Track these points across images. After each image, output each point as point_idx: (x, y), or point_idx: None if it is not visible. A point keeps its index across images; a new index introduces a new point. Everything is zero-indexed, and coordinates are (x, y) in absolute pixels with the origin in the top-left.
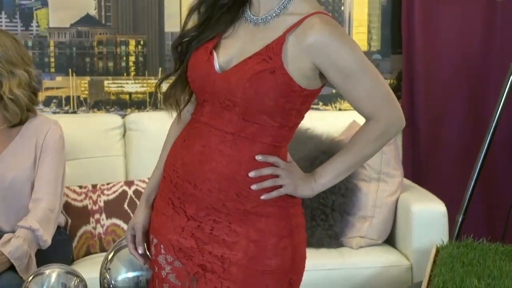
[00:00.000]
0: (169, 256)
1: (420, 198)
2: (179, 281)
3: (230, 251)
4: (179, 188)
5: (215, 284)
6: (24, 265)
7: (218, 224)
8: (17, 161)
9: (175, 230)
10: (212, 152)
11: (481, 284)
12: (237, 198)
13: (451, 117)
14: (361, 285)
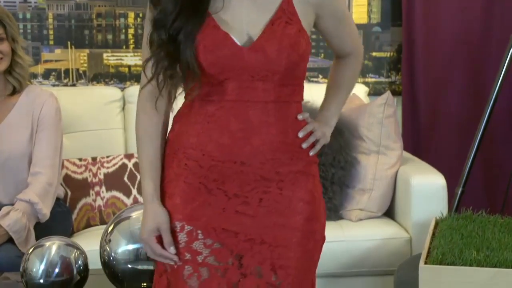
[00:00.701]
0: (208, 240)
1: (420, 170)
2: (219, 262)
3: (283, 217)
4: (215, 170)
5: (263, 255)
6: (23, 238)
7: (268, 194)
8: (14, 135)
9: (214, 212)
10: (257, 126)
11: (480, 256)
12: (291, 161)
13: (451, 90)
14: (360, 257)
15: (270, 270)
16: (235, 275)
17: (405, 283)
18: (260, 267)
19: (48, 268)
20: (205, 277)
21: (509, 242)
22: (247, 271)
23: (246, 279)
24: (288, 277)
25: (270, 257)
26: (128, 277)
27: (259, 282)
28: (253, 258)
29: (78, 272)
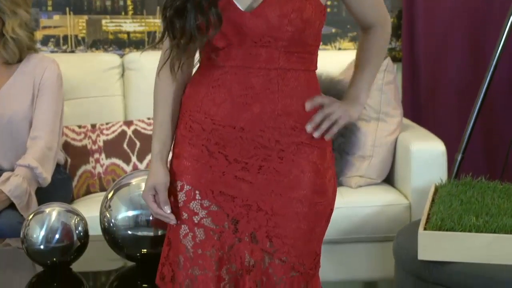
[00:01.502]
0: (205, 201)
1: (419, 137)
2: (215, 224)
3: (281, 187)
4: (216, 134)
5: (259, 222)
6: (24, 203)
7: (268, 162)
8: (15, 99)
9: (214, 175)
10: (259, 93)
11: (479, 222)
12: (293, 132)
13: (451, 56)
14: (360, 224)
15: (265, 238)
16: (230, 238)
17: (404, 249)
18: (255, 233)
19: (48, 234)
20: (201, 238)
21: (508, 208)
22: (242, 236)
23: (241, 244)
24: (284, 246)
25: (266, 225)
26: (128, 243)
27: (253, 247)
28: (249, 224)
29: (78, 238)
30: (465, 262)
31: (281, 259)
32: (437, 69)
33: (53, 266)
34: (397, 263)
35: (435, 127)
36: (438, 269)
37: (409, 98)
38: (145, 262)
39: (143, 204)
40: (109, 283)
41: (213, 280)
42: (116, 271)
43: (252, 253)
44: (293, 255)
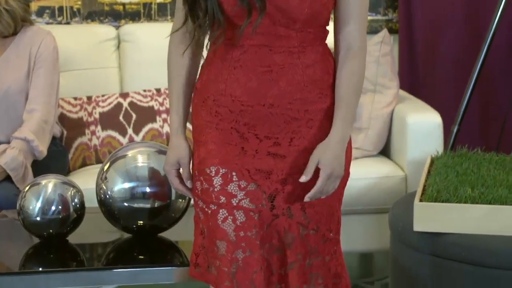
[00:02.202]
0: (242, 182)
1: (416, 109)
2: (253, 204)
3: (311, 155)
4: (245, 114)
5: (294, 196)
6: (20, 176)
7: (298, 133)
8: (11, 72)
9: (247, 155)
10: (282, 68)
11: (474, 193)
12: (319, 99)
13: (448, 27)
14: (356, 195)
15: (300, 210)
16: (268, 216)
17: (400, 221)
18: (291, 207)
19: (44, 206)
20: (241, 220)
21: (503, 179)
22: (279, 212)
23: (278, 220)
24: (316, 215)
25: (300, 197)
26: (124, 215)
27: (290, 222)
28: (284, 199)
29: (74, 210)
30: (460, 233)
31: (314, 228)
32: (434, 40)
33: (50, 237)
34: (392, 235)
35: (432, 99)
36: (434, 240)
37: (406, 69)
38: (142, 234)
39: (140, 176)
40: (106, 255)
41: (259, 260)
42: (113, 243)
43: (290, 228)
44: (323, 223)
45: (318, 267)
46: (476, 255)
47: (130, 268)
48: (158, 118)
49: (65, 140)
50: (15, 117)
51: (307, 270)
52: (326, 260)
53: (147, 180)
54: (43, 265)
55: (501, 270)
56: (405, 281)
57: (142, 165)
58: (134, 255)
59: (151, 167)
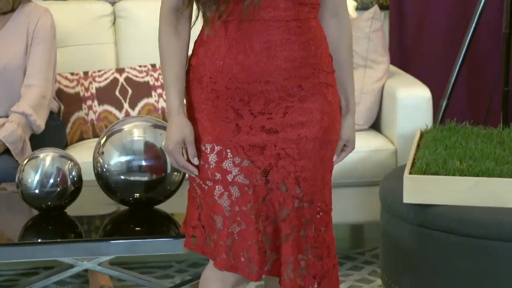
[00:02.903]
0: (237, 159)
1: (406, 84)
2: (248, 180)
3: (306, 129)
4: (240, 91)
5: (288, 169)
6: (19, 149)
7: (291, 108)
8: (9, 48)
9: (241, 131)
10: (279, 44)
11: (462, 165)
12: (313, 74)
13: (438, 3)
14: (348, 168)
15: (294, 184)
16: (263, 190)
17: (390, 193)
18: (285, 181)
19: (43, 179)
20: (236, 195)
21: (490, 152)
22: (273, 186)
23: (273, 194)
24: (310, 188)
25: (294, 170)
26: (121, 187)
27: (285, 195)
28: (278, 173)
29: (72, 183)
30: (448, 205)
31: (309, 201)
32: (424, 16)
33: (48, 209)
34: (383, 207)
35: (421, 74)
36: (423, 211)
37: (396, 45)
38: (138, 206)
39: (136, 150)
40: (103, 227)
41: (254, 233)
42: (110, 215)
43: (284, 201)
44: (317, 196)
45: (313, 238)
46: (463, 226)
47: (127, 239)
48: (154, 93)
49: (62, 114)
50: (13, 92)
51: (301, 241)
52: (321, 231)
53: (143, 153)
54: (42, 237)
55: (487, 240)
56: (395, 252)
57: (138, 139)
58: (130, 227)
59: (147, 141)
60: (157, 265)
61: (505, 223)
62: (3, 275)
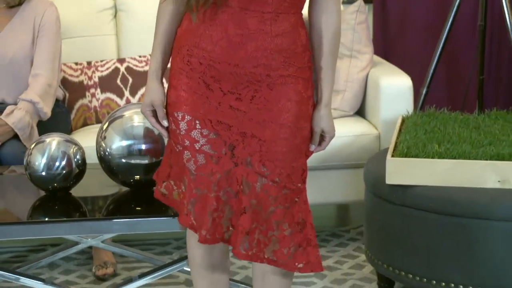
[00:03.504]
0: (204, 130)
1: (388, 73)
2: (214, 151)
3: (272, 114)
4: (212, 69)
5: (253, 148)
6: (27, 135)
7: (259, 92)
8: (16, 40)
9: (211, 106)
10: (253, 33)
11: (441, 149)
12: (282, 67)
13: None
14: (334, 152)
15: (259, 162)
16: (228, 163)
17: (374, 175)
18: (250, 158)
19: (49, 162)
20: (201, 162)
21: (467, 136)
22: (239, 160)
23: (238, 168)
24: (276, 169)
25: (259, 150)
26: (122, 170)
27: (248, 171)
28: (244, 150)
29: (76, 165)
30: (428, 186)
31: (274, 180)
32: (405, 10)
33: (54, 191)
34: (367, 188)
35: (403, 63)
36: (404, 192)
37: (379, 36)
38: (138, 188)
39: (136, 135)
40: (106, 206)
41: (212, 200)
42: (112, 196)
43: (248, 176)
44: (284, 176)
45: (280, 214)
46: (441, 205)
47: (128, 218)
48: None
49: (67, 102)
50: (21, 81)
51: (260, 215)
52: (287, 207)
53: (143, 138)
54: (49, 216)
55: (463, 218)
56: (378, 229)
57: (138, 124)
58: (131, 207)
59: (146, 126)
60: (156, 242)
61: (480, 203)
62: (13, 251)
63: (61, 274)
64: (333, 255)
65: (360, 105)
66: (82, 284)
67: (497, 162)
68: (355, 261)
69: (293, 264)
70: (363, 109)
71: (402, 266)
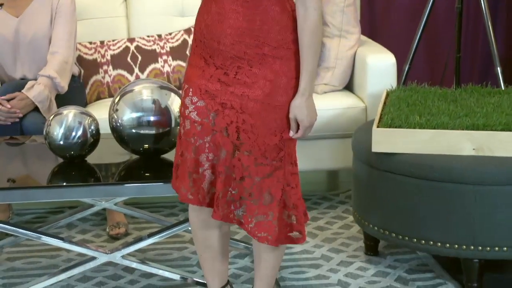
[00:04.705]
0: (194, 97)
1: (374, 51)
2: (199, 117)
3: (250, 90)
4: (207, 45)
5: (231, 118)
6: (46, 107)
7: (241, 69)
8: (36, 21)
9: (204, 77)
10: (227, 12)
11: (422, 120)
12: (257, 45)
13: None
14: (325, 123)
15: (235, 132)
16: (209, 130)
17: (361, 144)
18: (227, 128)
19: (66, 132)
20: (187, 127)
21: (445, 109)
22: (218, 129)
23: (217, 135)
24: (249, 141)
25: (236, 121)
26: (133, 139)
27: (225, 139)
28: (223, 119)
29: (91, 135)
30: (409, 153)
31: (247, 150)
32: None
33: (71, 158)
34: (354, 155)
35: (388, 42)
36: (388, 159)
37: (366, 18)
38: (147, 155)
39: (145, 107)
40: (118, 172)
41: (192, 161)
42: (123, 163)
43: (224, 144)
44: (256, 149)
45: (249, 183)
46: (422, 170)
47: (138, 183)
48: (160, 59)
49: (82, 77)
50: (40, 59)
51: (241, 183)
52: (255, 180)
53: (151, 110)
54: (67, 181)
55: (441, 183)
56: (365, 193)
57: (146, 98)
58: (141, 173)
59: (154, 99)
60: (164, 205)
61: (456, 168)
62: (34, 213)
63: (78, 233)
64: (324, 217)
65: (348, 81)
66: (97, 242)
67: (472, 131)
68: (343, 222)
69: (255, 232)
70: (351, 84)
71: (386, 225)
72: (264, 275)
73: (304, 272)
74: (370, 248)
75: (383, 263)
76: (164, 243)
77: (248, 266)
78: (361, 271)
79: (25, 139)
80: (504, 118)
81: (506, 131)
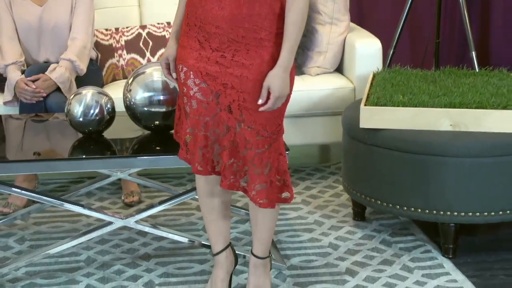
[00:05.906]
0: (197, 80)
1: (362, 37)
2: (204, 97)
3: (248, 71)
4: (203, 29)
5: (233, 97)
6: (67, 88)
7: (238, 52)
8: (57, 10)
9: (201, 60)
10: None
11: (404, 99)
12: (254, 30)
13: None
14: (317, 102)
15: (237, 109)
16: (214, 108)
17: (350, 120)
18: (230, 105)
19: (85, 110)
20: (194, 106)
21: (426, 89)
22: (222, 107)
23: (221, 113)
24: (251, 117)
25: (237, 99)
26: (145, 117)
27: (229, 116)
28: (226, 98)
29: (107, 113)
30: (394, 129)
31: (249, 126)
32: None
33: (90, 133)
34: (344, 131)
35: (374, 29)
36: (374, 134)
37: (355, 6)
38: (158, 131)
39: (155, 88)
40: (131, 146)
41: (202, 137)
42: (136, 138)
43: (229, 121)
44: (258, 124)
45: (251, 155)
46: (404, 144)
47: (149, 156)
48: None
49: (99, 61)
50: (61, 44)
51: (245, 155)
52: (257, 151)
53: (161, 90)
54: (86, 153)
55: (422, 155)
56: (353, 165)
57: (157, 79)
58: (152, 147)
59: (164, 80)
60: (173, 175)
61: (435, 142)
62: (57, 182)
63: (97, 201)
64: (316, 186)
65: (339, 64)
66: (114, 209)
67: (449, 109)
68: (334, 191)
69: (256, 199)
70: (341, 67)
71: (372, 194)
72: (262, 237)
73: (299, 236)
74: (357, 214)
75: (369, 228)
76: (173, 210)
77: (248, 230)
78: (350, 234)
79: (48, 116)
80: (478, 97)
81: (480, 108)
